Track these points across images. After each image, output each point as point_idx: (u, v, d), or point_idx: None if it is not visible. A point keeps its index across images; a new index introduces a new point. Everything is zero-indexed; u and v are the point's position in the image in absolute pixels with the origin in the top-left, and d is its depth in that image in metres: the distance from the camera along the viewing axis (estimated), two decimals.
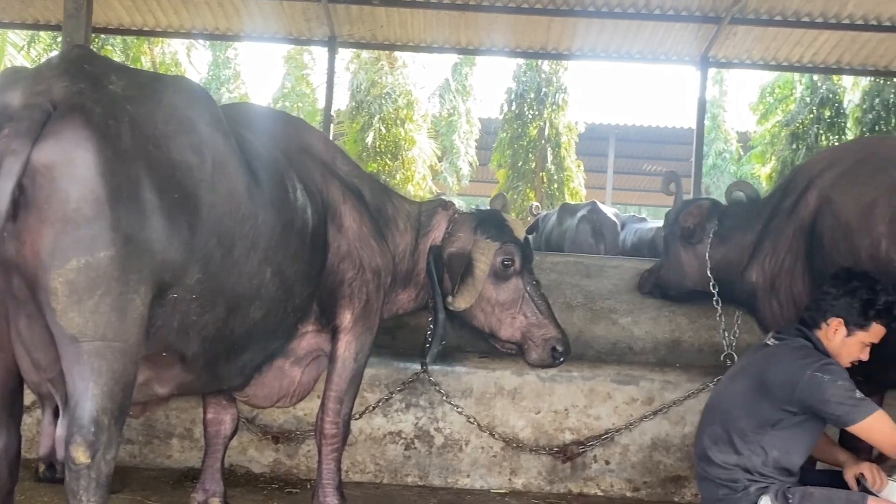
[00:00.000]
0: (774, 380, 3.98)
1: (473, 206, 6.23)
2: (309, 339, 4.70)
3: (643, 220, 14.10)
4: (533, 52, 14.13)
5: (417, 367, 5.80)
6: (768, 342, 4.27)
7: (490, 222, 5.16)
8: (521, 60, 19.74)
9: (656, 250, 11.01)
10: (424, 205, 5.31)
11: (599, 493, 5.89)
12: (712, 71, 22.48)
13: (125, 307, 3.19)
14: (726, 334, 5.93)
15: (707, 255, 5.60)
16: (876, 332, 4.09)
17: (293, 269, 4.13)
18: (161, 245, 3.30)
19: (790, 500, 3.86)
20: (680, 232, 5.75)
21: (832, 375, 3.87)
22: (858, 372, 4.32)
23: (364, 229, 4.75)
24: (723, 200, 5.91)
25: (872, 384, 4.77)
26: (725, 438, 4.04)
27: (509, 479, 5.91)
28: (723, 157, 25.40)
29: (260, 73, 60.62)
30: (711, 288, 5.66)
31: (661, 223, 13.15)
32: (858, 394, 3.86)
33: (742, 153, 24.83)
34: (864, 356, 4.13)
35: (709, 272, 5.62)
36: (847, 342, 4.09)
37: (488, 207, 5.59)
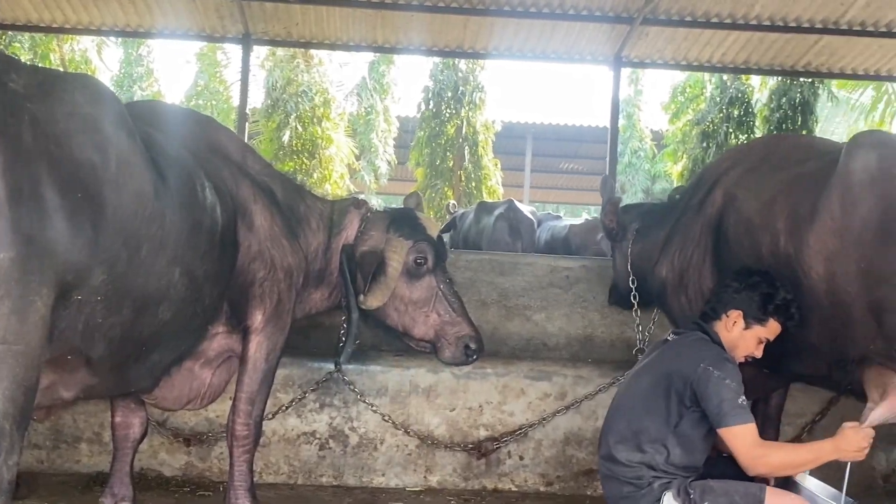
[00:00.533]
0: (673, 374, 4.06)
1: (392, 205, 6.24)
2: (220, 340, 4.65)
3: (558, 217, 14.27)
4: (450, 50, 14.15)
5: (331, 366, 5.79)
6: (668, 338, 4.37)
7: (403, 220, 5.17)
8: (438, 59, 19.76)
9: (570, 248, 11.18)
10: (337, 203, 5.29)
11: (514, 489, 5.95)
12: (627, 71, 22.86)
13: (26, 310, 3.11)
14: (640, 329, 6.04)
15: (629, 252, 5.72)
16: (772, 328, 4.20)
17: (202, 269, 4.08)
18: (63, 246, 3.23)
19: (692, 496, 3.93)
20: (606, 233, 5.88)
21: (723, 373, 3.95)
22: (765, 364, 4.45)
23: (275, 228, 4.72)
24: (639, 199, 6.05)
25: (776, 378, 4.93)
26: (629, 437, 4.09)
27: (424, 477, 5.93)
28: (638, 155, 25.78)
29: (173, 70, 59.68)
30: (630, 284, 5.77)
31: (576, 221, 13.36)
32: (742, 399, 3.93)
33: (656, 151, 25.26)
34: (759, 353, 4.23)
35: (629, 268, 5.73)
36: (744, 335, 4.20)
37: (402, 206, 5.59)
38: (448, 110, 20.76)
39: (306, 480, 5.88)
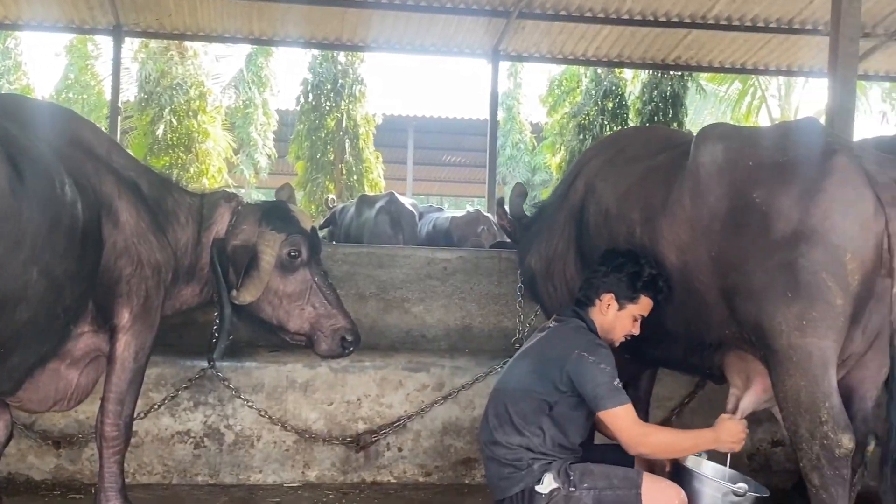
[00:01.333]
0: (549, 360, 4.16)
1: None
2: (86, 339, 4.51)
3: (440, 210, 14.34)
4: (328, 43, 14.11)
5: (205, 364, 5.69)
6: (549, 324, 4.46)
7: (275, 213, 5.11)
8: (317, 51, 19.61)
9: (451, 240, 11.25)
10: (207, 197, 5.19)
11: (392, 481, 5.96)
12: (507, 64, 23.12)
13: None
14: (522, 320, 6.13)
15: (520, 247, 5.82)
16: (644, 304, 4.33)
17: (62, 267, 3.95)
18: None
19: (571, 477, 4.02)
20: (505, 233, 5.99)
21: (597, 357, 4.07)
22: (626, 350, 4.58)
23: (142, 224, 4.60)
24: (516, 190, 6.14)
25: (640, 362, 5.07)
26: (508, 420, 4.17)
27: (302, 472, 5.88)
28: (518, 147, 26.10)
29: (43, 63, 57.59)
30: (519, 277, 5.88)
31: (458, 213, 13.44)
32: (617, 382, 4.06)
33: (536, 143, 25.62)
34: (636, 330, 4.37)
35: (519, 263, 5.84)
36: (619, 316, 4.33)
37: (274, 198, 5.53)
38: (328, 103, 20.61)
39: (181, 480, 5.76)
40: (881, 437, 4.26)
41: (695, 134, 4.57)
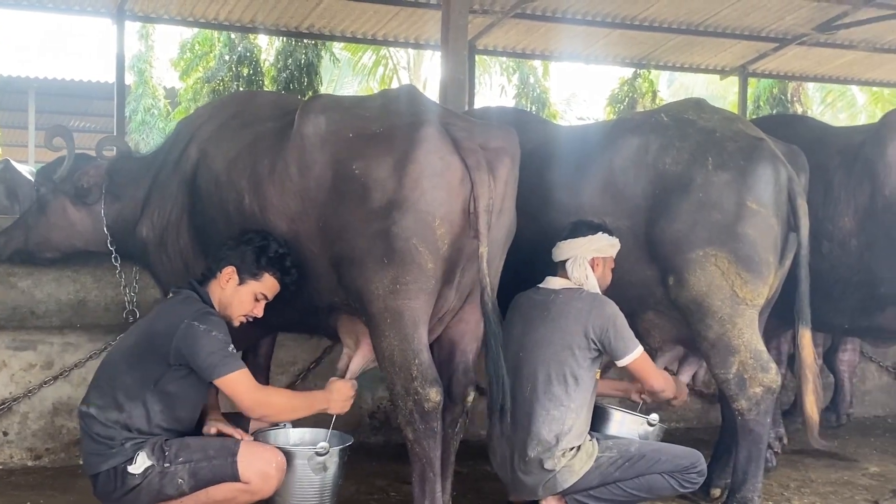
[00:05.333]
0: (156, 332, 4.03)
1: None
2: None
3: None
4: None
5: None
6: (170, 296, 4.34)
7: None
8: None
9: None
10: None
11: None
12: (137, 25, 22.12)
13: None
14: (128, 291, 5.91)
15: (103, 213, 5.51)
16: (268, 283, 4.24)
17: None
18: None
19: (167, 453, 3.93)
20: (74, 191, 5.56)
21: (208, 325, 3.97)
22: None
23: None
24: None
25: (261, 327, 5.10)
26: (111, 395, 4.01)
27: None
28: (152, 113, 25.06)
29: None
30: (109, 245, 5.58)
31: None
32: (231, 348, 4.00)
33: (171, 109, 24.82)
34: (258, 311, 4.28)
35: (106, 230, 5.53)
36: (239, 291, 4.21)
37: None
38: None
39: None
40: (484, 388, 4.62)
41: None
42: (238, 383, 3.99)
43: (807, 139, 5.54)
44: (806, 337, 4.86)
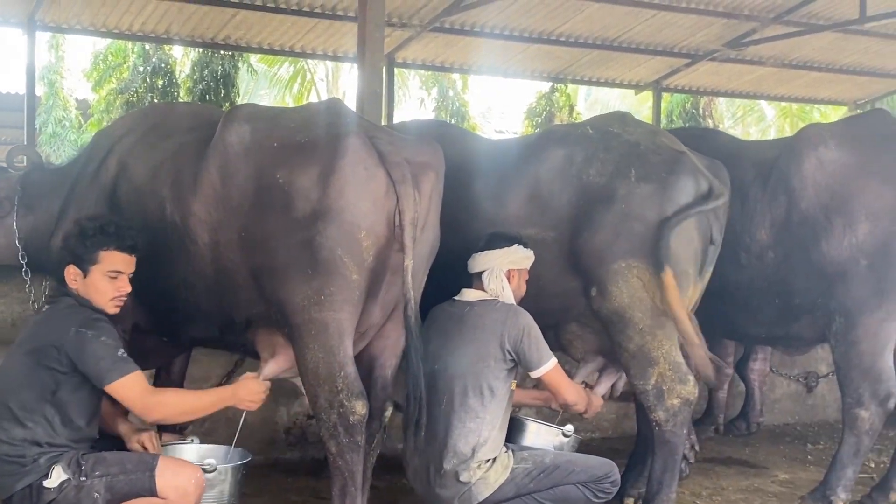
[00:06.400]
0: (46, 344, 3.90)
1: None
2: None
3: None
4: None
5: None
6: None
7: None
8: None
9: None
10: None
11: None
12: (47, 35, 21.64)
13: None
14: (36, 306, 5.74)
15: (15, 225, 5.36)
16: (110, 259, 4.03)
17: None
18: None
19: (83, 466, 3.83)
20: None
21: (96, 331, 3.87)
22: (162, 331, 4.50)
23: None
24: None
25: (177, 343, 5.03)
26: (10, 414, 3.88)
27: None
28: (63, 124, 24.51)
29: None
30: (21, 259, 5.43)
31: None
32: (122, 352, 3.89)
33: (83, 121, 24.31)
34: (123, 288, 4.07)
35: (17, 243, 5.39)
36: (89, 282, 4.04)
37: None
38: None
39: None
40: (401, 403, 4.61)
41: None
42: (128, 388, 3.86)
43: (721, 152, 5.63)
44: (669, 275, 4.73)
